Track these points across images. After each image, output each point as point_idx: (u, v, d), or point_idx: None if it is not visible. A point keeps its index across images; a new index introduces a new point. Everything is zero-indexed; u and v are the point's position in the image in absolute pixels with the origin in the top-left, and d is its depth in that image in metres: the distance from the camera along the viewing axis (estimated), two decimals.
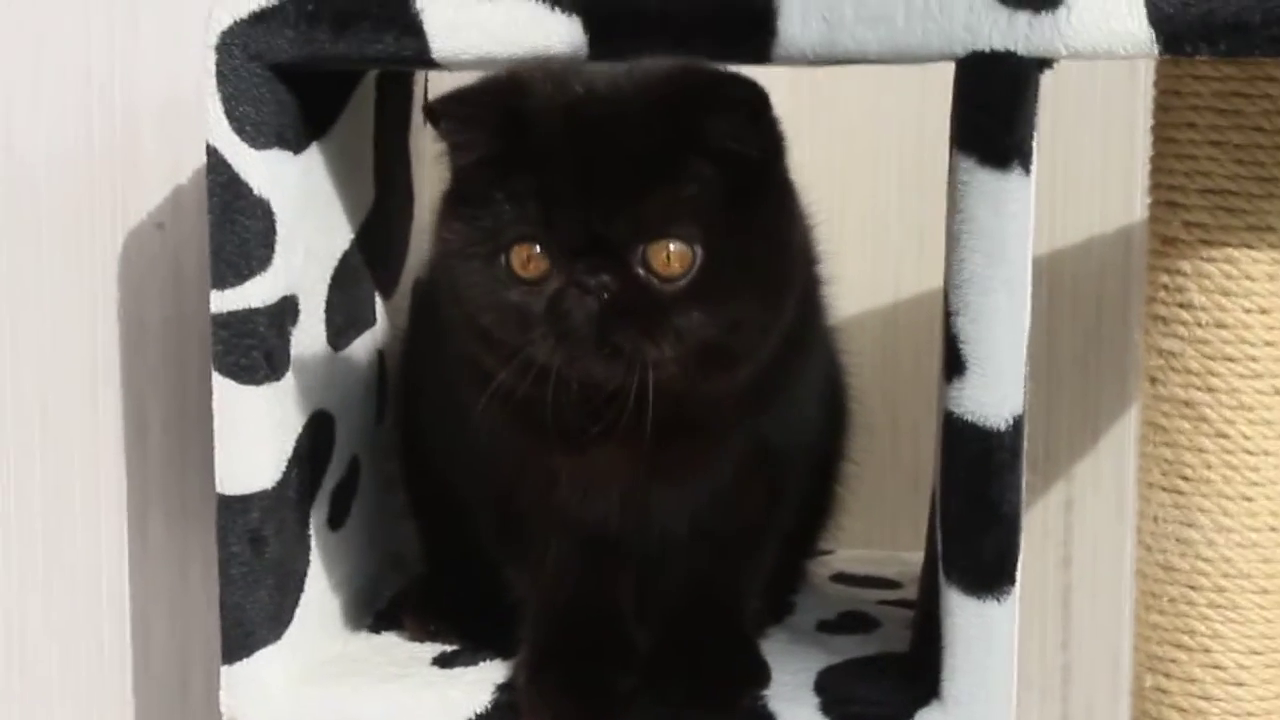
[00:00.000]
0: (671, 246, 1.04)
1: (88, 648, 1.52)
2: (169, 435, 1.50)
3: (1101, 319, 1.58)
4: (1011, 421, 1.08)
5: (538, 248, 1.05)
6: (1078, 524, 1.60)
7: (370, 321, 1.34)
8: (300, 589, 1.23)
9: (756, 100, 1.06)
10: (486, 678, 1.19)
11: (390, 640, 1.30)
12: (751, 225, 1.08)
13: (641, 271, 1.05)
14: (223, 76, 1.15)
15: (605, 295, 1.04)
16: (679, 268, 1.05)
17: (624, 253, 1.04)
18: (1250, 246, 1.17)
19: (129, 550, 1.51)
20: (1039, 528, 1.58)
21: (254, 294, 1.17)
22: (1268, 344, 1.18)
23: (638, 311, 1.04)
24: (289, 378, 1.20)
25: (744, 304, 1.07)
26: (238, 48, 1.15)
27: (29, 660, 1.51)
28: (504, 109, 1.07)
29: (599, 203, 1.04)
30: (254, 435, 1.19)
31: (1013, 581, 1.10)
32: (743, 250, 1.07)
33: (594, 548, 1.19)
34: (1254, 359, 1.18)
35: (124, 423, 1.49)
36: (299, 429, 1.22)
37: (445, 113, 1.08)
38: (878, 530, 1.45)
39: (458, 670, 1.22)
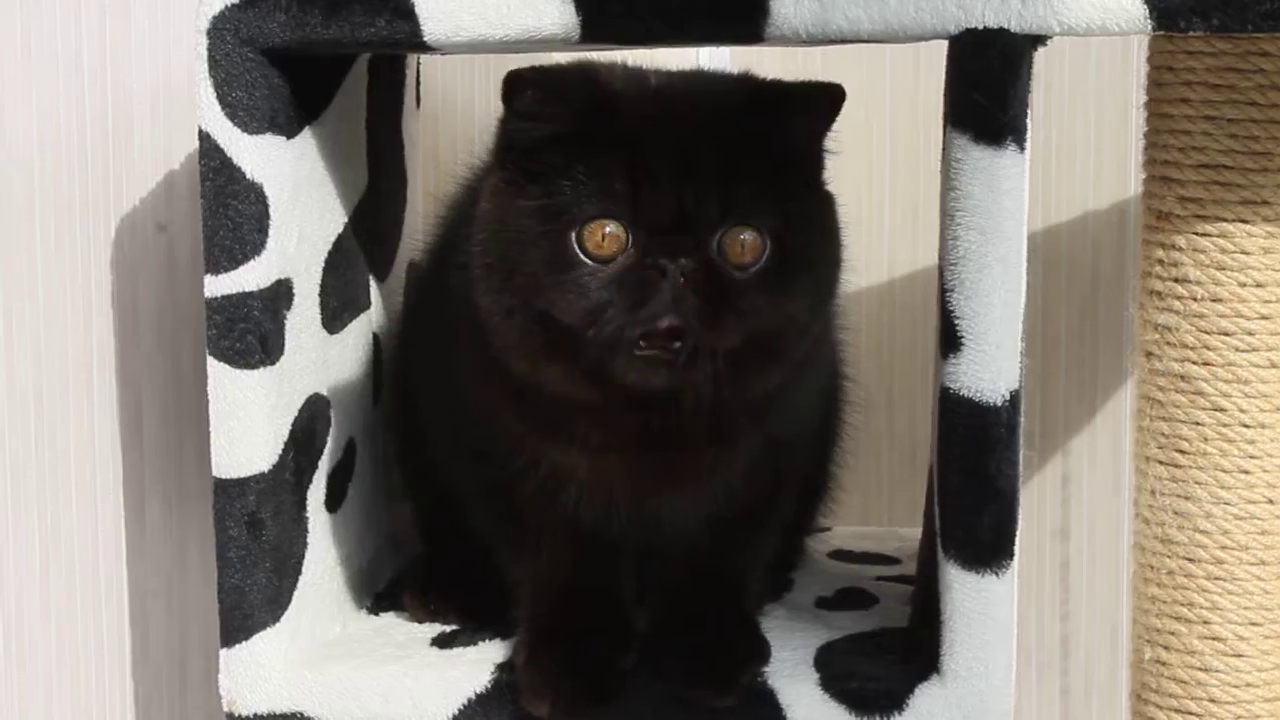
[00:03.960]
0: (747, 235, 1.08)
1: (86, 634, 1.52)
2: (165, 421, 1.50)
3: (1097, 295, 1.58)
4: (1008, 396, 1.09)
5: (616, 225, 1.07)
6: (1074, 498, 1.60)
7: (365, 304, 1.34)
8: (298, 571, 1.23)
9: (837, 106, 1.12)
10: (486, 657, 1.20)
11: (389, 621, 1.30)
12: (812, 224, 1.13)
13: (716, 257, 1.07)
14: (214, 62, 1.15)
15: (682, 278, 1.06)
16: (751, 256, 1.08)
17: (705, 237, 1.07)
18: (1245, 221, 1.17)
19: (126, 536, 1.51)
20: (1036, 502, 1.58)
21: (248, 278, 1.17)
22: (1263, 318, 1.18)
23: (710, 294, 1.06)
24: (284, 361, 1.20)
25: (800, 299, 1.11)
26: (229, 32, 1.15)
27: (27, 647, 1.51)
28: (593, 87, 1.10)
29: (690, 184, 1.07)
30: (250, 419, 1.18)
31: (1011, 556, 1.10)
32: (805, 246, 1.11)
33: (594, 533, 1.19)
34: (1250, 333, 1.18)
35: (119, 409, 1.49)
36: (295, 412, 1.22)
37: (534, 82, 1.09)
38: (875, 507, 1.46)
39: (457, 650, 1.22)
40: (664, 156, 1.06)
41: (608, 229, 1.06)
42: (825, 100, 1.12)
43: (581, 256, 1.06)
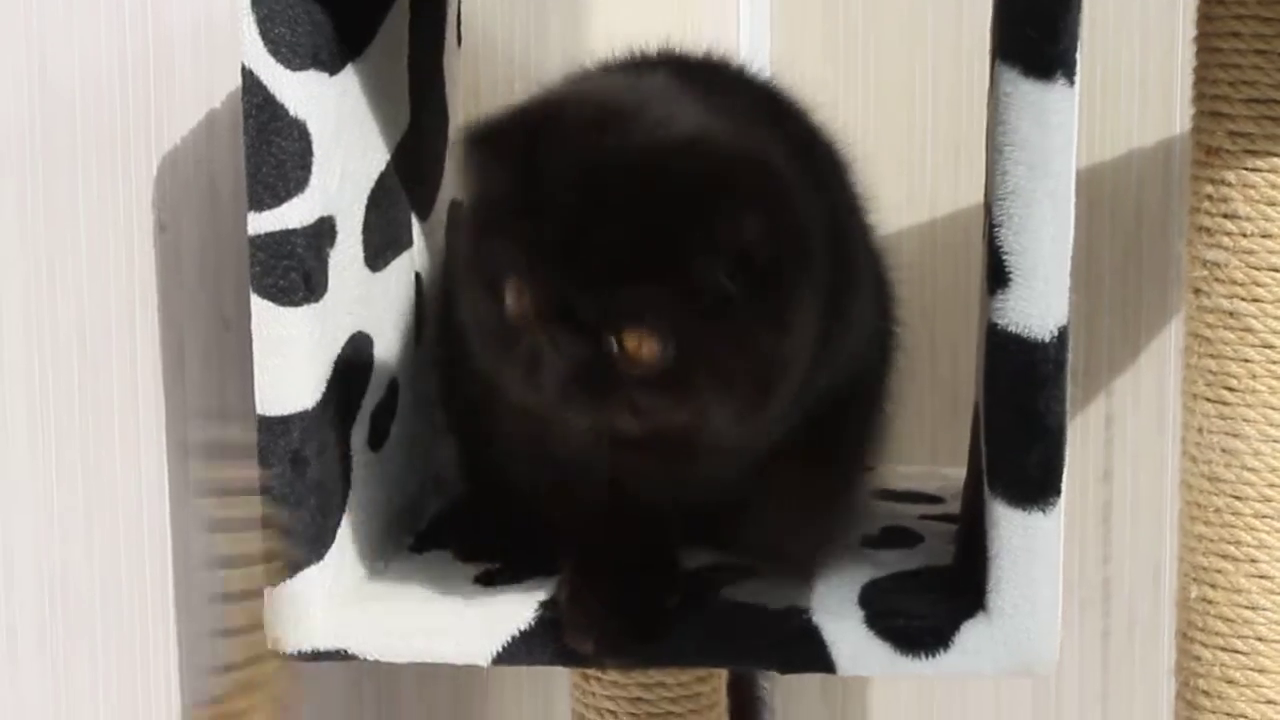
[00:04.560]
0: (643, 337, 1.03)
1: (129, 571, 1.53)
2: (208, 360, 1.50)
3: (1141, 233, 1.57)
4: (1056, 333, 1.08)
5: (526, 294, 1.04)
6: (1118, 438, 1.59)
7: (407, 243, 1.34)
8: (341, 509, 1.23)
9: (772, 200, 1.03)
10: (530, 594, 1.19)
11: (432, 559, 1.30)
12: (743, 329, 1.04)
13: (614, 348, 1.03)
14: None
15: (573, 362, 1.03)
16: (648, 357, 1.03)
17: (598, 328, 1.03)
18: None
19: (169, 475, 1.51)
20: (1079, 442, 1.58)
21: (291, 215, 1.17)
22: None
23: (603, 384, 1.04)
24: (327, 299, 1.20)
25: (715, 405, 1.05)
26: None
27: (71, 597, 1.51)
28: (524, 153, 1.04)
29: (582, 276, 1.02)
30: (293, 356, 1.18)
31: (1058, 493, 1.09)
32: (723, 356, 1.04)
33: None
34: None
35: (162, 348, 1.49)
36: (338, 350, 1.22)
37: (474, 149, 1.08)
38: (918, 448, 1.45)
39: (500, 587, 1.22)
40: (563, 240, 1.02)
41: (519, 294, 1.04)
42: (756, 185, 1.03)
43: (502, 313, 1.06)
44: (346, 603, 1.21)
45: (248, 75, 1.16)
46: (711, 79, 1.16)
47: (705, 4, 1.56)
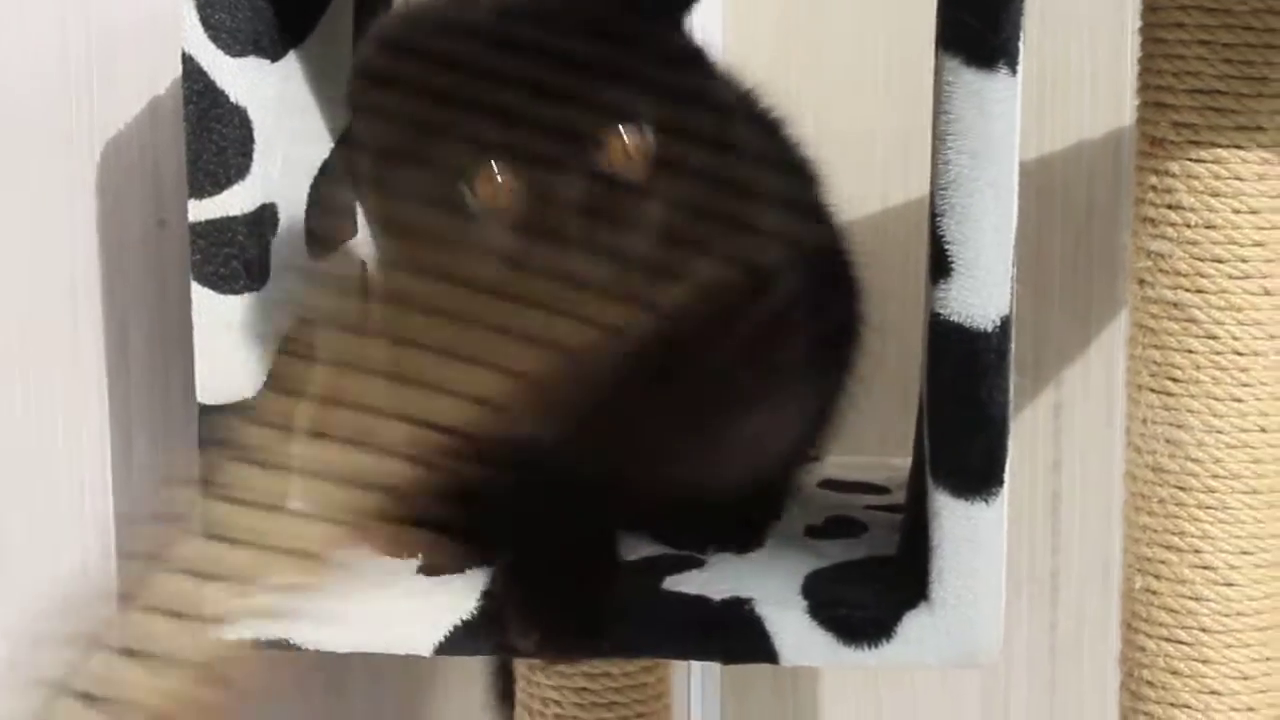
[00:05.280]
0: (631, 132, 1.03)
1: (72, 562, 1.52)
2: (151, 348, 1.50)
3: (1091, 224, 1.57)
4: (998, 322, 1.08)
5: (500, 169, 1.03)
6: (1067, 428, 1.59)
7: (351, 231, 1.33)
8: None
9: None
10: (472, 585, 1.18)
11: None
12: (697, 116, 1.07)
13: (606, 169, 1.04)
14: None
15: (574, 201, 1.03)
16: (641, 152, 1.04)
17: (586, 151, 1.03)
18: (1239, 146, 1.16)
19: (112, 463, 1.50)
20: (1028, 431, 1.58)
21: (232, 203, 1.16)
22: (1257, 244, 1.18)
23: (611, 207, 1.03)
24: (269, 286, 1.19)
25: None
26: None
27: (13, 581, 1.51)
28: (427, 53, 1.05)
29: (549, 106, 1.02)
30: (234, 345, 1.18)
31: (1001, 483, 1.09)
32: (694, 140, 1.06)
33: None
34: (1243, 259, 1.18)
35: (105, 336, 1.48)
36: (280, 338, 1.21)
37: (364, 83, 1.07)
38: (866, 437, 1.45)
39: (443, 577, 1.21)
40: (513, 91, 1.03)
41: (494, 174, 1.03)
42: None
43: (478, 214, 1.04)
44: (289, 592, 1.20)
45: (188, 61, 1.15)
46: None
47: None
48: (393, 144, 1.06)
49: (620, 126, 1.04)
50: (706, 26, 1.59)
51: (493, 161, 1.03)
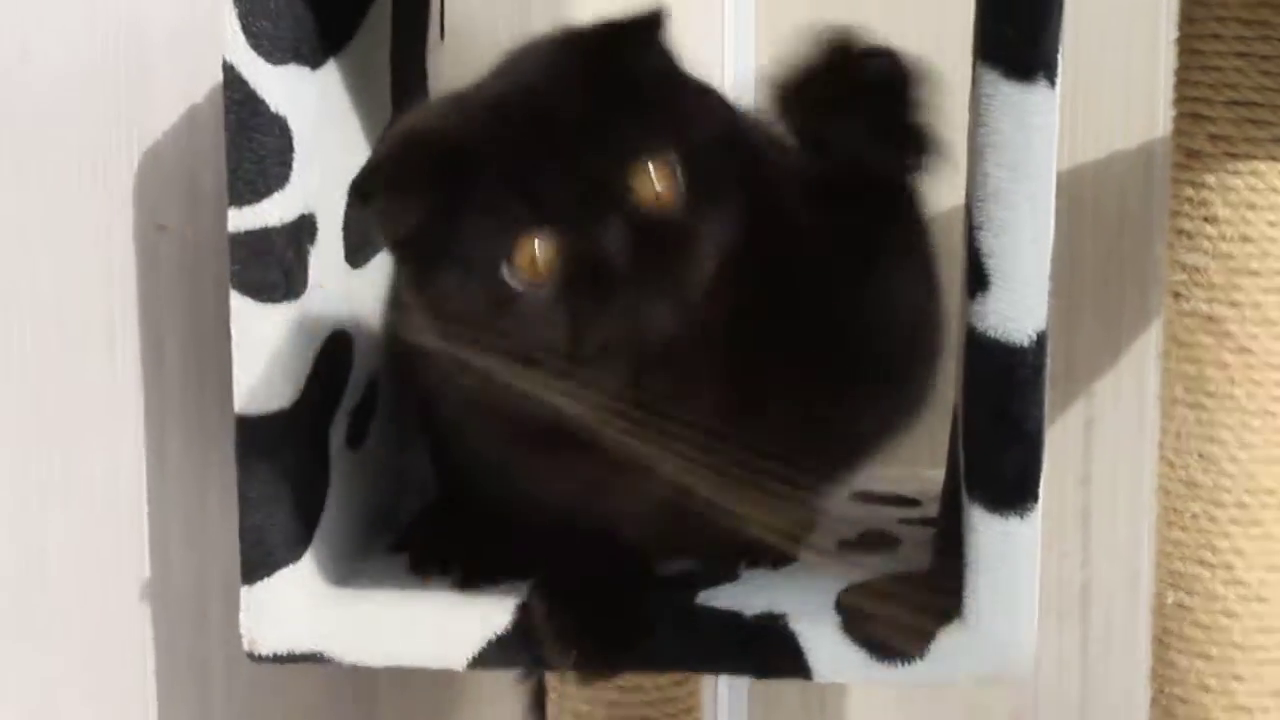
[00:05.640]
0: (659, 167, 1.03)
1: (106, 569, 1.52)
2: (186, 356, 1.50)
3: (1122, 236, 1.57)
4: (1035, 337, 1.08)
5: (537, 237, 1.03)
6: (1098, 442, 1.59)
7: None
8: (320, 509, 1.23)
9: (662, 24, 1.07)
10: (506, 599, 1.18)
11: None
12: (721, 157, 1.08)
13: (637, 211, 1.03)
14: None
15: (620, 245, 1.02)
16: (667, 189, 1.04)
17: (615, 196, 1.03)
18: (1276, 159, 1.16)
19: (147, 473, 1.51)
20: (1058, 446, 1.57)
21: (271, 212, 1.16)
22: None
23: (656, 243, 1.03)
24: (307, 296, 1.19)
25: (718, 231, 1.06)
26: None
27: (48, 581, 1.51)
28: (436, 154, 1.05)
29: (567, 162, 1.03)
30: (272, 354, 1.18)
31: (1036, 498, 1.09)
32: (714, 182, 1.06)
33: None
34: (1278, 273, 1.17)
35: (141, 344, 1.49)
36: (318, 348, 1.22)
37: (378, 187, 1.07)
38: (897, 448, 1.45)
39: (477, 591, 1.21)
40: (534, 160, 1.04)
41: (533, 243, 1.03)
42: (641, 25, 1.07)
43: (520, 285, 1.04)
44: (323, 604, 1.20)
45: (229, 70, 1.15)
46: None
47: (691, 9, 1.56)
48: (424, 240, 1.06)
49: (643, 163, 1.04)
50: (740, 40, 1.59)
51: (525, 234, 1.03)
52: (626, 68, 1.06)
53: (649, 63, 1.08)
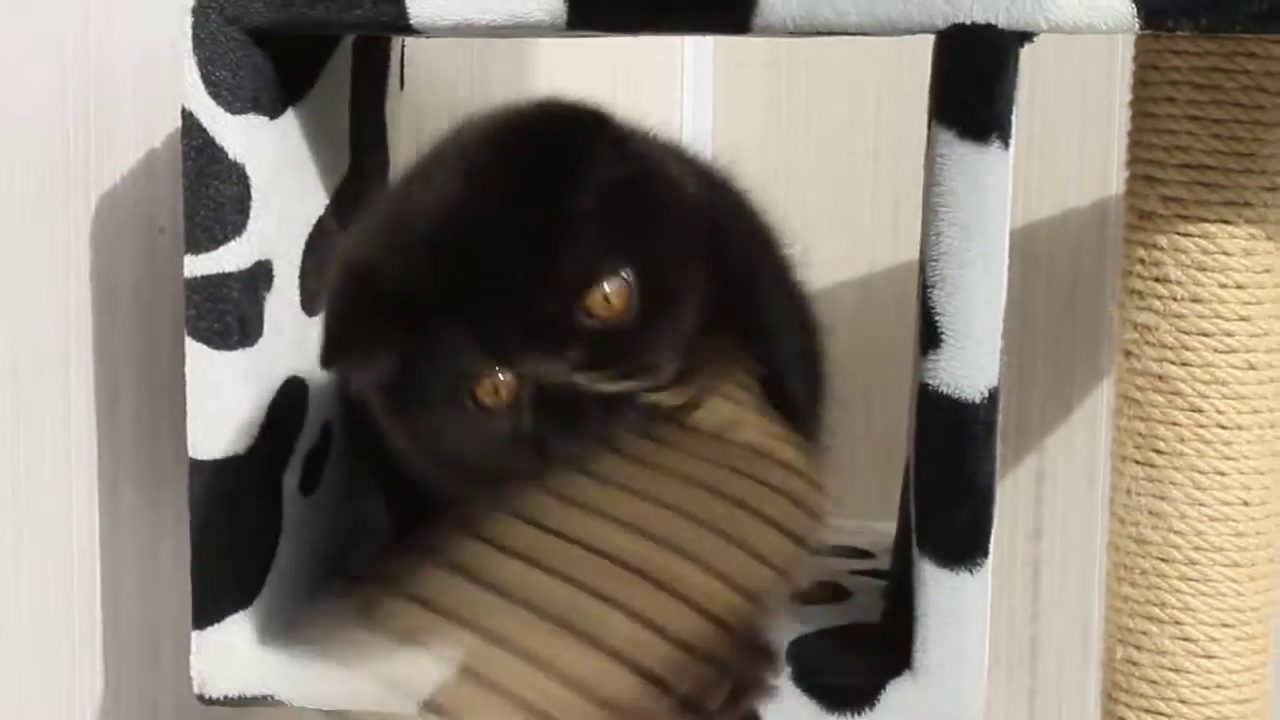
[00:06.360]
0: (609, 286, 1.04)
1: (58, 610, 1.52)
2: (141, 401, 1.50)
3: (1076, 293, 1.58)
4: (986, 394, 1.08)
5: (497, 373, 1.04)
6: (1048, 497, 1.60)
7: None
8: (272, 554, 1.23)
9: (610, 129, 1.07)
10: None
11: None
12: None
13: (592, 329, 1.04)
14: (199, 40, 1.15)
15: (579, 370, 1.04)
16: (620, 302, 1.05)
17: (569, 318, 1.04)
18: (1227, 221, 1.17)
19: (100, 514, 1.50)
20: (1010, 500, 1.59)
21: (228, 259, 1.17)
22: (1242, 319, 1.19)
23: (613, 355, 1.04)
24: (263, 343, 1.20)
25: (670, 333, 1.07)
26: (214, 11, 1.14)
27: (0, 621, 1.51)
28: (389, 310, 1.06)
29: (518, 290, 1.04)
30: (227, 400, 1.18)
31: (986, 554, 1.10)
32: (661, 275, 1.07)
33: None
34: (1229, 334, 1.19)
35: (96, 387, 1.49)
36: (272, 394, 1.22)
37: (341, 356, 1.09)
38: (850, 501, 1.45)
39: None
40: (477, 294, 1.05)
41: (486, 380, 1.05)
42: (580, 131, 1.07)
43: (485, 415, 1.06)
44: (273, 648, 1.21)
45: (187, 117, 1.16)
46: None
47: (648, 59, 1.57)
48: (393, 386, 1.09)
49: (597, 284, 1.05)
50: (699, 94, 1.60)
51: (484, 374, 1.04)
52: (574, 172, 1.06)
53: (598, 159, 1.07)
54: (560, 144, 1.06)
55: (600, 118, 1.08)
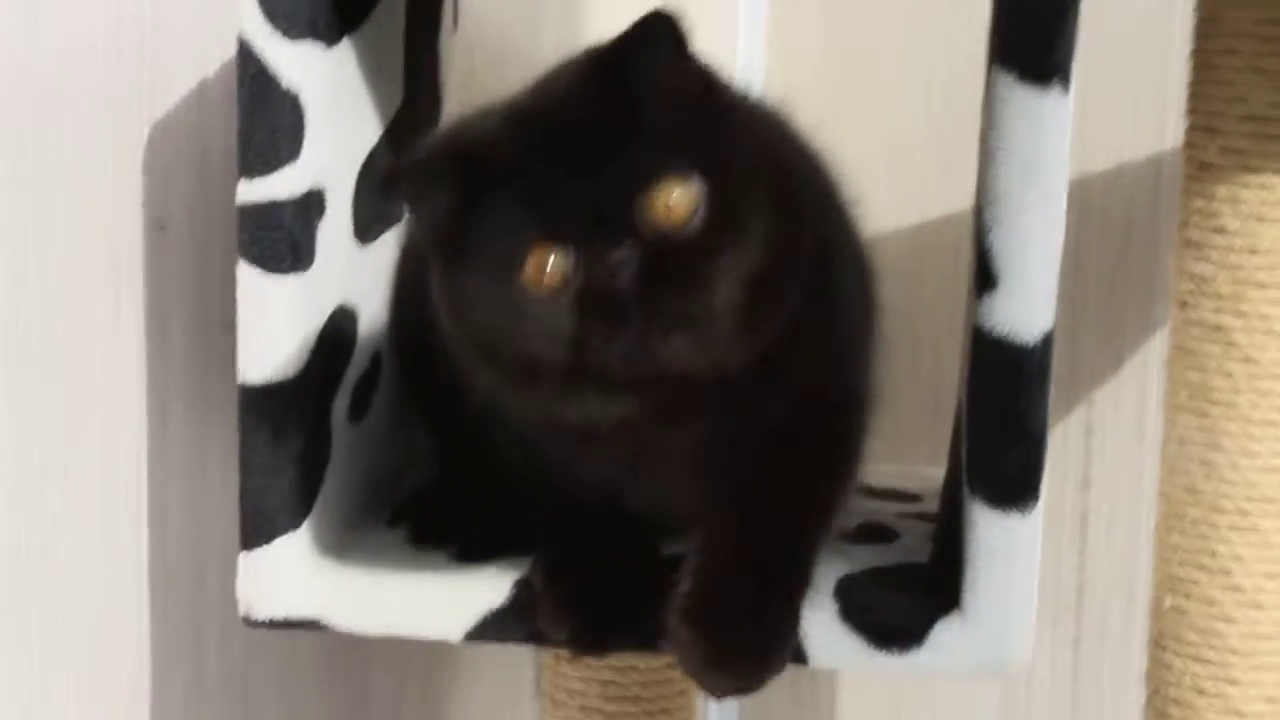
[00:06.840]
0: (674, 186, 1.02)
1: (105, 533, 1.53)
2: (191, 326, 1.50)
3: (1129, 246, 1.57)
4: (1041, 337, 1.08)
5: (547, 252, 1.03)
6: (1097, 446, 1.60)
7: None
8: (320, 479, 1.23)
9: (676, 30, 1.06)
10: (505, 574, 1.19)
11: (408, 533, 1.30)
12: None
13: (653, 233, 1.02)
14: None
15: (630, 270, 1.02)
16: (684, 209, 1.03)
17: (629, 216, 1.02)
18: None
19: (148, 438, 1.51)
20: (1059, 449, 1.58)
21: (281, 186, 1.17)
22: None
23: (670, 269, 1.02)
24: (314, 269, 1.20)
25: (740, 260, 1.04)
26: None
27: (47, 547, 1.52)
28: (459, 158, 1.07)
29: (584, 179, 1.03)
30: (277, 325, 1.18)
31: (1037, 496, 1.09)
32: (738, 201, 1.05)
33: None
34: None
35: (146, 313, 1.49)
36: (323, 320, 1.22)
37: (402, 181, 1.10)
38: (898, 445, 1.45)
39: (475, 564, 1.22)
40: (548, 171, 1.04)
41: (544, 255, 1.03)
42: (653, 34, 1.05)
43: (534, 295, 1.04)
44: (320, 573, 1.21)
45: (243, 45, 1.15)
46: None
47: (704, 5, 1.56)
48: (446, 237, 1.08)
49: (661, 185, 1.03)
50: (752, 38, 1.59)
51: (535, 248, 1.03)
52: (653, 80, 1.05)
53: (676, 73, 1.06)
54: (646, 49, 1.05)
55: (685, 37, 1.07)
